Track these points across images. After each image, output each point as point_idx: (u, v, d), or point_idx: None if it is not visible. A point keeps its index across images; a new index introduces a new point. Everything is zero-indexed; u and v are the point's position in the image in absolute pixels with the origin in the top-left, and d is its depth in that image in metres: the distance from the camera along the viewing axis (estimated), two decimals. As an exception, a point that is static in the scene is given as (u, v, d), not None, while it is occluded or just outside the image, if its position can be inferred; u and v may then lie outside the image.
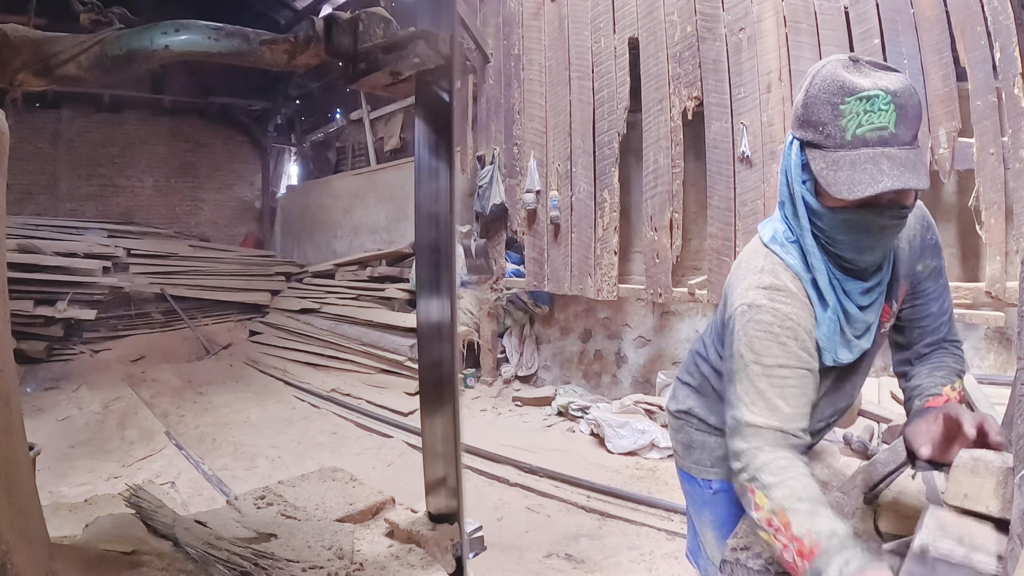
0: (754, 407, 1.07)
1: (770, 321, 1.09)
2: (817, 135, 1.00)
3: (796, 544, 0.94)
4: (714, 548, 1.46)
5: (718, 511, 1.44)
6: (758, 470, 1.03)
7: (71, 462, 4.05)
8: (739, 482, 1.08)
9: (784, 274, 1.13)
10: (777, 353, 1.08)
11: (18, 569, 0.88)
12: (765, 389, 1.07)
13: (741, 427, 1.08)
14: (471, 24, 5.19)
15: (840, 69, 1.00)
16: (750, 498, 1.04)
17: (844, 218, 1.03)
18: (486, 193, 5.25)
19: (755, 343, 1.09)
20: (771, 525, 0.98)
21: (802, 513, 0.95)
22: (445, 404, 1.37)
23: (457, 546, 1.36)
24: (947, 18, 3.23)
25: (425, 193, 1.35)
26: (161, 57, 1.23)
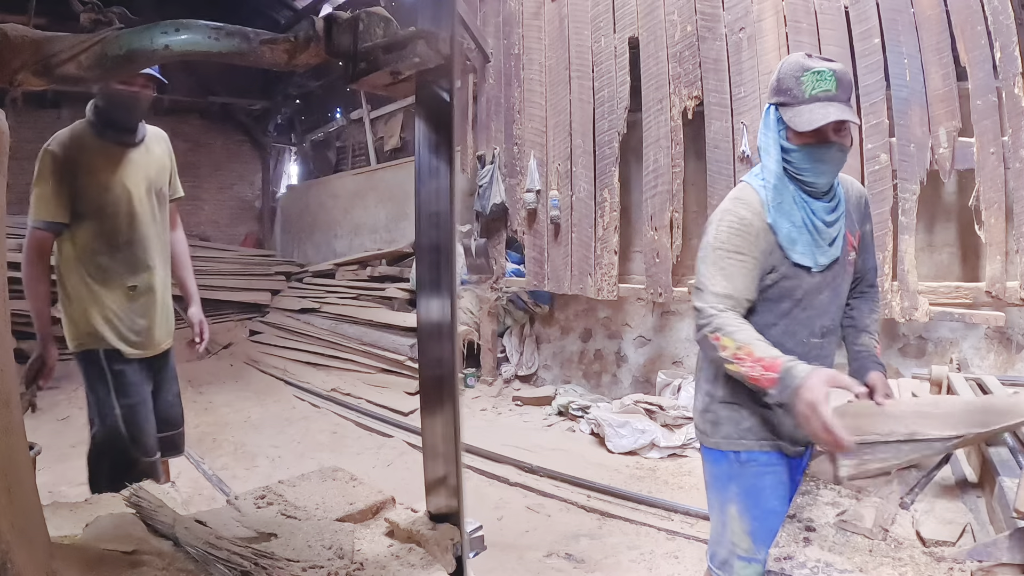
0: (714, 280, 1.51)
1: (732, 220, 1.54)
2: (786, 97, 1.50)
3: (761, 364, 1.37)
4: (736, 521, 1.60)
5: (743, 482, 1.61)
6: (720, 324, 1.45)
7: (71, 462, 4.05)
8: (703, 334, 1.48)
9: (749, 194, 1.57)
10: (736, 243, 1.51)
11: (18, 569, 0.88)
12: (724, 267, 1.51)
13: (704, 294, 1.52)
14: (471, 24, 5.19)
15: (801, 58, 1.51)
16: (715, 343, 1.45)
17: (807, 151, 1.49)
18: (486, 193, 5.25)
19: (720, 235, 1.53)
20: (736, 357, 1.41)
21: (760, 346, 1.40)
22: (445, 404, 1.37)
23: (457, 546, 1.36)
24: (947, 18, 3.23)
25: (425, 193, 1.35)
26: (161, 57, 1.23)
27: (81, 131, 2.20)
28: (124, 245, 2.24)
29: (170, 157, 2.45)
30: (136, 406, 2.26)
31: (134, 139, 2.26)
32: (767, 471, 1.60)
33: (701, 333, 1.48)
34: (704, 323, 1.48)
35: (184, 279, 2.61)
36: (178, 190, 2.54)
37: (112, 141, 2.22)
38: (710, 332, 1.46)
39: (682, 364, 5.03)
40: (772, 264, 1.55)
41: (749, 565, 1.58)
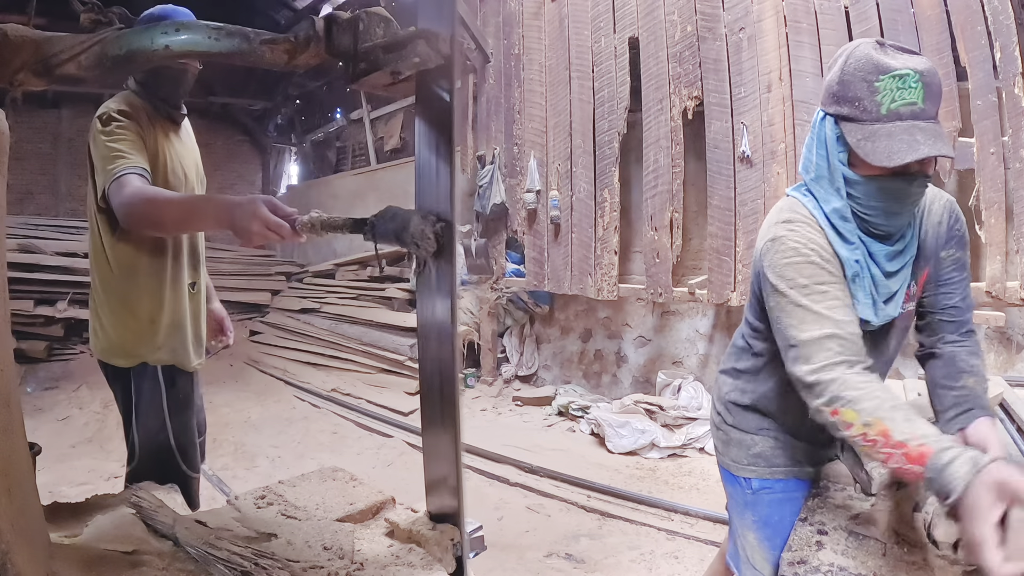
0: (804, 324, 1.11)
1: (794, 246, 1.17)
2: (853, 110, 1.11)
3: (901, 450, 0.96)
4: (756, 551, 1.43)
5: (759, 511, 1.42)
6: (836, 390, 1.04)
7: (71, 462, 4.05)
8: (819, 410, 1.08)
9: (801, 211, 1.22)
10: (810, 272, 1.14)
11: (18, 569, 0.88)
12: (809, 305, 1.12)
13: (799, 349, 1.11)
14: (471, 24, 5.19)
15: (872, 51, 1.10)
16: (835, 420, 1.05)
17: (878, 186, 1.12)
18: (486, 193, 5.25)
19: (786, 271, 1.16)
20: (867, 439, 1.00)
21: (899, 420, 0.98)
22: (445, 404, 1.37)
23: (457, 546, 1.36)
24: (947, 18, 3.23)
25: (425, 193, 1.35)
26: (161, 57, 1.23)
27: (136, 100, 1.86)
28: (189, 237, 1.97)
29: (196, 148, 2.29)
30: (189, 421, 2.03)
31: (182, 116, 2.03)
32: (785, 499, 1.40)
33: (818, 411, 1.09)
34: (815, 394, 1.08)
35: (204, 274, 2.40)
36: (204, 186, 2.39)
37: (165, 116, 1.94)
38: (826, 405, 1.06)
39: (682, 364, 5.03)
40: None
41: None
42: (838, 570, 1.13)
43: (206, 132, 10.22)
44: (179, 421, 2.01)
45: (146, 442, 1.97)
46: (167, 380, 1.97)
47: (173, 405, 2.00)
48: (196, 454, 2.10)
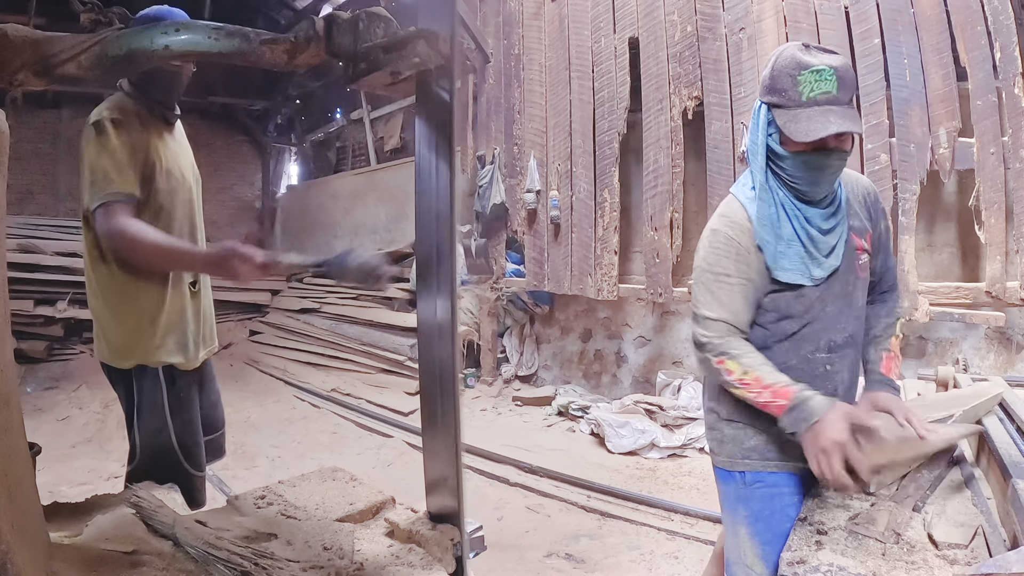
0: (708, 305, 1.44)
1: (720, 241, 1.45)
2: (781, 98, 1.34)
3: (769, 389, 1.34)
4: (748, 547, 1.51)
5: (752, 505, 1.51)
6: (724, 348, 1.40)
7: (71, 462, 4.05)
8: (707, 360, 1.42)
9: (736, 210, 1.47)
10: (724, 264, 1.43)
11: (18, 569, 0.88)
12: (716, 291, 1.43)
13: (700, 320, 1.45)
14: (471, 24, 5.19)
15: (797, 51, 1.34)
16: (720, 368, 1.39)
17: (802, 159, 1.35)
18: (486, 193, 5.25)
19: (708, 257, 1.46)
20: (743, 383, 1.37)
21: (768, 371, 1.36)
22: (445, 404, 1.37)
23: (457, 546, 1.36)
24: (947, 18, 3.23)
25: (425, 193, 1.35)
26: (161, 57, 1.23)
27: (128, 102, 1.85)
28: (183, 234, 1.95)
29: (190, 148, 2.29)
30: (191, 420, 2.03)
31: (176, 116, 2.02)
32: (776, 493, 1.48)
33: (704, 358, 1.43)
34: (707, 349, 1.42)
35: None
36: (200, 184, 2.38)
37: (159, 117, 1.93)
38: (714, 357, 1.40)
39: (682, 364, 5.03)
40: (767, 284, 1.43)
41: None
42: (837, 570, 1.13)
43: (206, 132, 10.22)
44: (181, 420, 2.00)
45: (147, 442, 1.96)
46: (168, 380, 1.97)
47: (175, 404, 1.99)
48: (200, 452, 2.09)
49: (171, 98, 1.98)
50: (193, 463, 2.05)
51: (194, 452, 2.06)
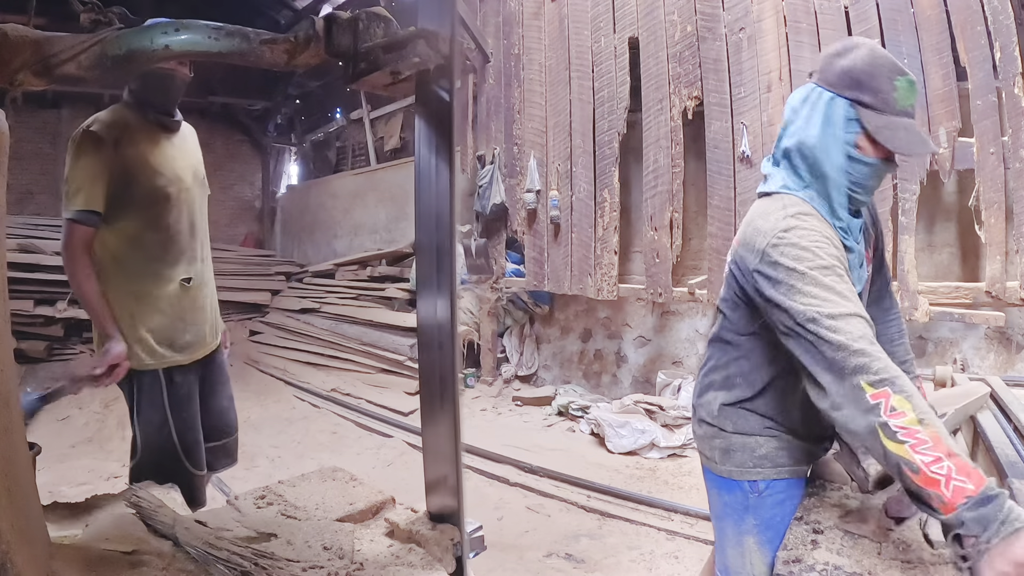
0: (828, 301, 1.09)
1: (809, 233, 1.19)
2: (875, 99, 1.20)
3: (952, 460, 0.92)
4: (755, 555, 1.42)
5: (762, 513, 1.41)
6: (888, 375, 0.99)
7: (71, 462, 4.05)
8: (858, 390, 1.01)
9: (806, 207, 1.26)
10: (828, 253, 1.16)
11: (18, 569, 0.88)
12: (831, 284, 1.12)
13: (829, 321, 1.07)
14: (471, 24, 5.19)
15: (888, 54, 1.25)
16: (876, 403, 0.99)
17: (874, 168, 1.25)
18: (486, 193, 5.25)
19: (803, 254, 1.15)
20: (916, 436, 0.95)
21: (946, 433, 0.93)
22: (445, 404, 1.37)
23: (457, 546, 1.36)
24: (947, 18, 3.23)
25: (425, 193, 1.35)
26: (161, 57, 1.23)
27: (122, 112, 1.98)
28: (177, 234, 2.04)
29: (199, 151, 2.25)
30: (192, 417, 2.08)
31: (175, 123, 2.09)
32: (786, 498, 1.41)
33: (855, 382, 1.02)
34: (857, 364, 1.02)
35: None
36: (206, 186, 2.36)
37: (156, 123, 2.03)
38: (872, 384, 1.00)
39: (682, 364, 5.03)
40: None
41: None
42: (833, 569, 1.13)
43: (206, 132, 10.16)
44: (181, 417, 2.03)
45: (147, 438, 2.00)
46: (167, 377, 2.01)
47: (174, 402, 2.02)
48: (200, 451, 2.11)
49: (167, 104, 2.05)
50: (192, 461, 2.06)
51: (194, 450, 2.08)
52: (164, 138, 2.04)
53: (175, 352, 2.04)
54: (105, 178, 1.89)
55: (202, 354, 2.14)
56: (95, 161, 1.87)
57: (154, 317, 2.01)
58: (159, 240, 2.00)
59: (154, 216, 1.98)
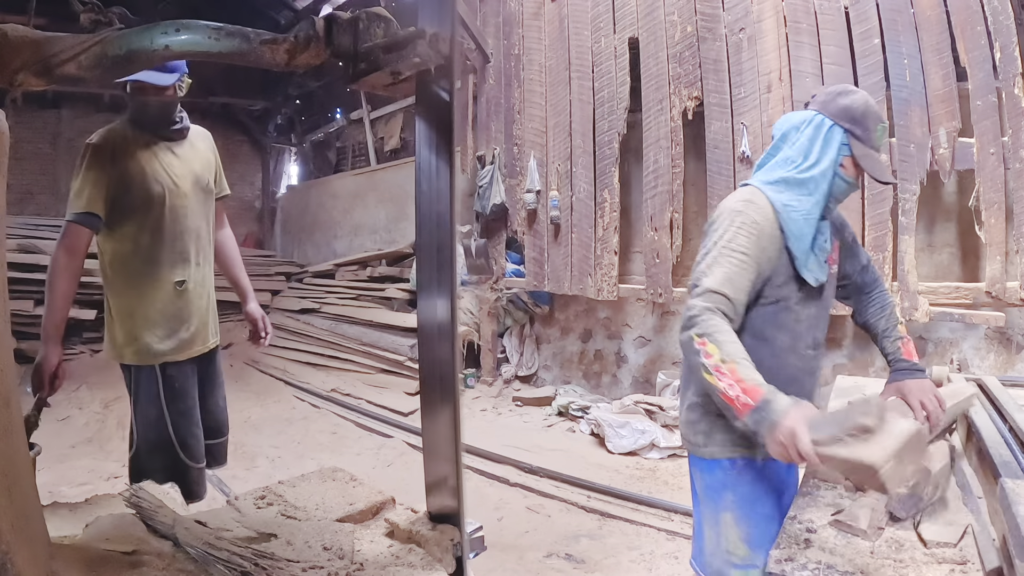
0: (714, 276, 1.46)
1: (744, 222, 1.51)
2: (863, 134, 1.55)
3: (741, 385, 1.32)
4: (732, 531, 1.58)
5: (739, 490, 1.59)
6: (710, 329, 1.39)
7: (71, 462, 4.05)
8: (688, 335, 1.42)
9: (761, 200, 1.57)
10: (743, 243, 1.49)
11: (18, 569, 0.88)
12: (727, 266, 1.47)
13: (701, 291, 1.46)
14: (471, 24, 5.19)
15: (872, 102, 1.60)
16: (699, 348, 1.38)
17: (849, 184, 1.59)
18: (486, 193, 5.25)
19: (727, 233, 1.51)
20: (718, 370, 1.35)
21: (745, 366, 1.35)
22: (445, 404, 1.37)
23: (457, 546, 1.36)
24: (947, 18, 3.23)
25: (425, 193, 1.35)
26: (161, 57, 1.23)
27: (123, 126, 2.14)
28: (171, 239, 2.16)
29: (215, 154, 2.38)
30: (188, 411, 2.19)
31: (175, 134, 2.21)
32: (761, 477, 1.58)
33: (687, 333, 1.42)
34: (693, 322, 1.41)
35: (238, 277, 2.52)
36: (224, 188, 2.47)
37: (153, 135, 2.16)
38: (696, 334, 1.39)
39: (682, 364, 5.02)
40: (771, 273, 1.54)
41: (747, 572, 1.56)
42: (825, 568, 1.13)
43: (206, 132, 10.22)
44: (177, 411, 2.16)
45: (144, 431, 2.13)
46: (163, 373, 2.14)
47: (170, 396, 2.15)
48: (198, 444, 2.22)
49: (162, 125, 2.18)
50: (188, 453, 2.17)
51: (190, 443, 2.19)
52: (163, 147, 2.17)
53: (170, 349, 2.16)
54: (104, 183, 2.03)
55: (198, 352, 2.26)
56: (95, 167, 2.03)
57: (150, 317, 2.13)
58: (153, 244, 2.13)
59: (148, 221, 2.12)
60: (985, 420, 1.61)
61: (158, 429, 2.12)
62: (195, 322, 2.24)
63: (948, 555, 1.15)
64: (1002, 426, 1.57)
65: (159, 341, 2.14)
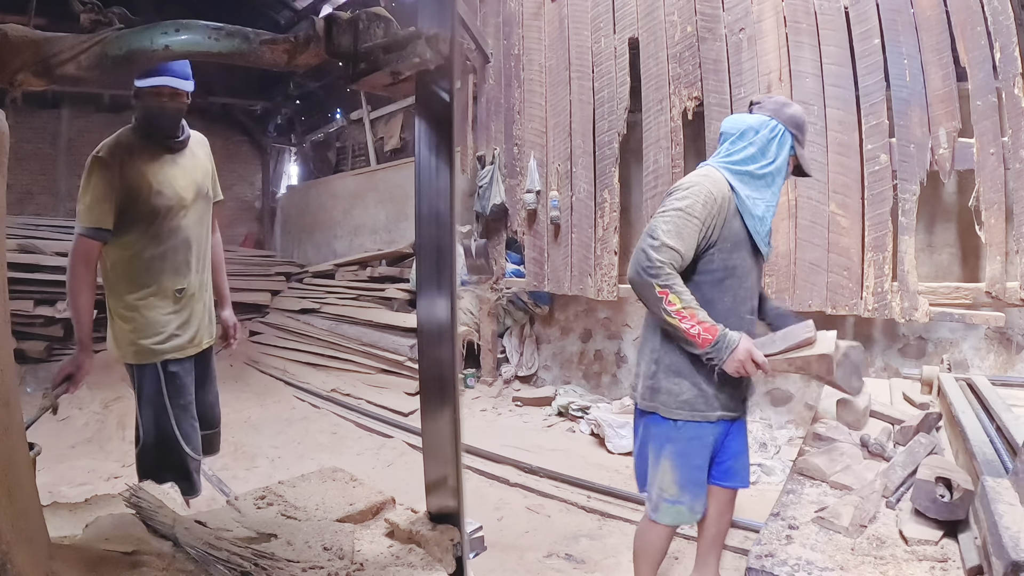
0: (671, 235, 1.82)
1: (702, 192, 1.87)
2: (802, 138, 2.02)
3: (701, 325, 1.78)
4: (668, 476, 2.00)
5: (677, 445, 1.99)
6: (672, 282, 1.80)
7: (71, 462, 4.05)
8: (650, 285, 1.79)
9: (718, 177, 1.93)
10: (699, 210, 1.84)
11: (18, 569, 0.88)
12: (682, 227, 1.83)
13: (659, 246, 1.81)
14: (471, 24, 5.19)
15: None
16: (661, 297, 1.78)
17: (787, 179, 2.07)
18: (486, 193, 5.25)
19: (686, 199, 1.86)
20: (680, 315, 1.78)
21: (701, 312, 1.81)
22: (445, 404, 1.37)
23: (457, 546, 1.36)
24: (947, 18, 3.23)
25: (425, 193, 1.35)
26: (161, 57, 1.23)
27: (128, 136, 2.21)
28: (172, 248, 2.27)
29: (210, 160, 2.52)
30: (188, 405, 2.31)
31: (179, 143, 2.30)
32: (695, 437, 1.98)
33: (648, 280, 1.79)
34: (655, 273, 1.79)
35: (219, 282, 2.64)
36: (218, 193, 2.59)
37: (158, 145, 2.25)
38: (660, 285, 1.78)
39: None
40: (716, 239, 1.89)
41: (673, 506, 2.01)
42: (805, 563, 1.14)
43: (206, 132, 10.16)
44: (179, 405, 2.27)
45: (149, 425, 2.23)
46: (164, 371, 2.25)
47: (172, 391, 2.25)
48: (197, 437, 2.34)
49: (169, 132, 2.25)
50: (191, 446, 2.30)
51: (191, 435, 2.31)
52: (168, 158, 2.25)
53: (171, 350, 2.27)
54: (112, 198, 2.12)
55: (195, 351, 2.38)
56: (103, 182, 2.10)
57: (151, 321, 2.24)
58: (156, 253, 2.22)
59: (152, 231, 2.21)
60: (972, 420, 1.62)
61: (162, 423, 2.22)
62: (194, 324, 2.35)
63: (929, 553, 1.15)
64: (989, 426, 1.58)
65: (160, 343, 2.25)
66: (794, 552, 1.18)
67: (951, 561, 1.12)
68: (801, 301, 3.73)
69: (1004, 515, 1.02)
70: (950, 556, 1.14)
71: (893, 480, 1.41)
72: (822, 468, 1.54)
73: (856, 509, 1.27)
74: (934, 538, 1.18)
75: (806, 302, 3.71)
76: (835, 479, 1.50)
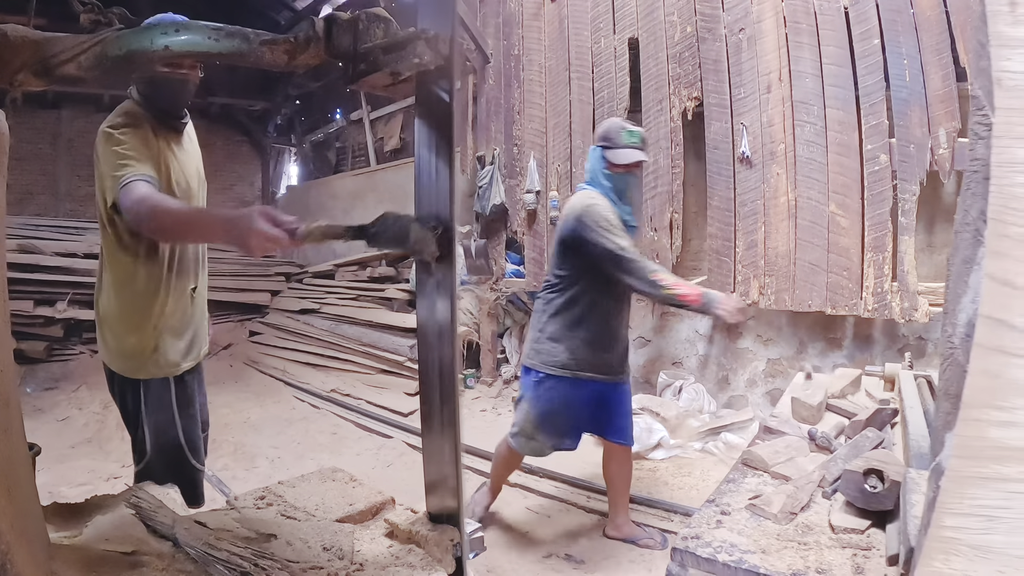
0: (623, 239, 2.43)
1: (605, 207, 2.50)
2: (613, 141, 2.55)
3: (688, 289, 2.34)
4: (527, 416, 2.72)
5: (538, 392, 2.67)
6: (654, 267, 2.44)
7: (71, 462, 4.05)
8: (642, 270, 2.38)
9: (600, 197, 2.55)
10: (613, 220, 2.48)
11: (18, 569, 0.88)
12: (618, 236, 2.43)
13: (623, 248, 2.40)
14: (471, 24, 5.19)
15: (620, 121, 2.65)
16: (654, 280, 2.36)
17: (622, 176, 2.58)
18: (486, 193, 5.25)
19: (599, 218, 2.45)
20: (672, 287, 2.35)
21: (683, 282, 2.44)
22: (445, 404, 1.37)
23: (457, 546, 1.36)
24: (947, 18, 3.23)
25: (425, 193, 1.35)
26: (161, 57, 1.23)
27: (137, 112, 1.87)
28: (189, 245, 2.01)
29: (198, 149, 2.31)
30: (195, 414, 2.12)
31: (182, 124, 2.03)
32: (553, 387, 2.62)
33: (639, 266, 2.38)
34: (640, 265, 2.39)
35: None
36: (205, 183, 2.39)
37: (166, 126, 1.95)
38: (650, 272, 2.37)
39: (682, 365, 5.02)
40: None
41: (528, 443, 2.76)
42: (729, 546, 1.18)
43: (206, 132, 10.18)
44: (188, 415, 2.09)
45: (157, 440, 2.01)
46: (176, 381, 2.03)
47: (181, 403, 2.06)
48: (201, 447, 2.19)
49: (178, 107, 1.99)
50: (197, 457, 2.15)
51: (197, 446, 2.16)
52: (175, 142, 1.99)
53: (185, 359, 2.05)
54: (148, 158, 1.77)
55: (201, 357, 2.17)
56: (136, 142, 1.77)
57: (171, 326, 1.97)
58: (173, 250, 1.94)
59: None
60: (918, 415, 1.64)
61: (170, 437, 2.01)
62: (202, 328, 2.14)
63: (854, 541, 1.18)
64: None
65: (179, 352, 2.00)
66: (720, 535, 1.22)
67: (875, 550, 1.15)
68: (801, 301, 3.73)
69: (915, 505, 1.04)
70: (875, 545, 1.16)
71: (832, 472, 1.44)
72: (764, 459, 1.58)
73: (788, 497, 1.30)
74: (861, 527, 1.21)
75: (806, 302, 3.71)
76: (776, 470, 1.53)
